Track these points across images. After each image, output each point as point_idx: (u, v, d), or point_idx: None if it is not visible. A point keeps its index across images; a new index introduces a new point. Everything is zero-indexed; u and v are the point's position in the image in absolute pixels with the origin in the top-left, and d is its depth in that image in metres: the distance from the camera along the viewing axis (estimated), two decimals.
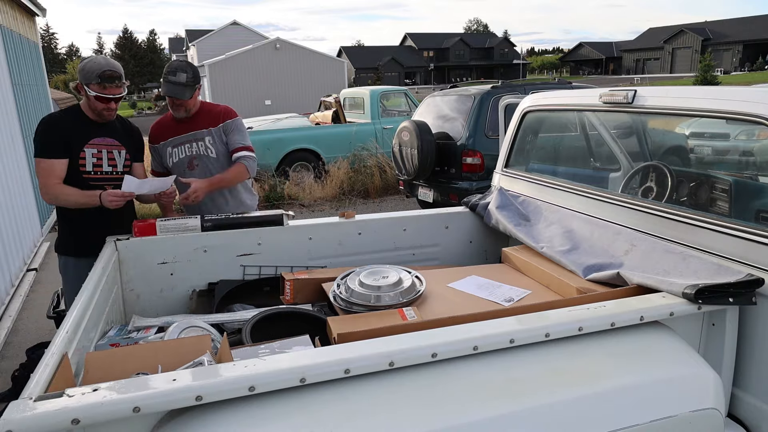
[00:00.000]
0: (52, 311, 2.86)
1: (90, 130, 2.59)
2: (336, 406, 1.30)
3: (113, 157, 2.66)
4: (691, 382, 1.53)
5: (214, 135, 2.90)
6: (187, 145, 2.90)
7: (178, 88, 2.76)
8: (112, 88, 2.49)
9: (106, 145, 2.63)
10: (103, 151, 2.62)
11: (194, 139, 2.89)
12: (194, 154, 2.90)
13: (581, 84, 5.90)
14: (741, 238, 1.72)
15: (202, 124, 2.90)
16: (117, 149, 2.67)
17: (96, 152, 2.59)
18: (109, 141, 2.64)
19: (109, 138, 2.64)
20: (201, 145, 2.89)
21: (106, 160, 2.63)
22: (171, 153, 2.92)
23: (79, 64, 2.54)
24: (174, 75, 2.75)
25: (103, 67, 2.46)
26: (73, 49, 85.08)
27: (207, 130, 2.89)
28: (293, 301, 2.37)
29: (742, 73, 48.44)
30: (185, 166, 2.90)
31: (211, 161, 2.90)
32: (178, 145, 2.90)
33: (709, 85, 15.24)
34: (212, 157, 2.90)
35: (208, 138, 2.89)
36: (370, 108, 9.76)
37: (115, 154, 2.66)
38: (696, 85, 2.78)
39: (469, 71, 72.57)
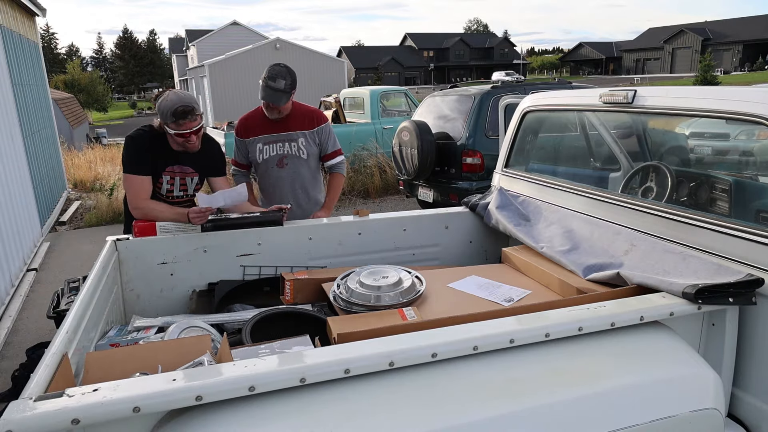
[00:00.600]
0: (52, 311, 2.86)
1: (170, 158, 2.71)
2: (336, 406, 1.30)
3: (185, 183, 2.80)
4: (691, 382, 1.53)
5: (308, 137, 3.03)
6: (279, 144, 3.00)
7: (276, 95, 2.84)
8: (187, 122, 2.54)
9: (180, 172, 2.76)
10: (176, 178, 2.76)
11: (288, 139, 3.00)
12: (286, 153, 3.01)
13: (581, 84, 5.90)
14: (741, 238, 1.72)
15: (296, 126, 3.01)
16: (190, 176, 2.79)
17: (170, 179, 2.74)
18: (184, 168, 2.76)
19: (185, 166, 2.76)
20: (294, 146, 3.01)
21: (178, 186, 2.78)
22: (261, 149, 3.01)
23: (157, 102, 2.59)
24: (274, 81, 2.82)
25: (176, 104, 2.50)
26: (73, 49, 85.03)
27: (301, 132, 3.01)
28: (293, 301, 2.37)
29: (742, 73, 48.44)
30: (275, 163, 3.02)
31: (302, 162, 3.04)
32: (271, 143, 3.01)
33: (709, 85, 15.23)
34: (303, 158, 3.04)
35: (302, 140, 3.02)
36: (370, 108, 9.76)
37: (188, 180, 2.80)
38: (696, 85, 2.78)
39: (469, 71, 72.56)
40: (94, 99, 39.68)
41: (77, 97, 29.41)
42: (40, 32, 9.21)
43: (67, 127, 16.49)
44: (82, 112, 24.60)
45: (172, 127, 2.54)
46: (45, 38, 72.46)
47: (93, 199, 8.51)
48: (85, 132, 21.95)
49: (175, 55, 49.51)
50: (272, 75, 2.82)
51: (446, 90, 6.79)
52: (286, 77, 2.84)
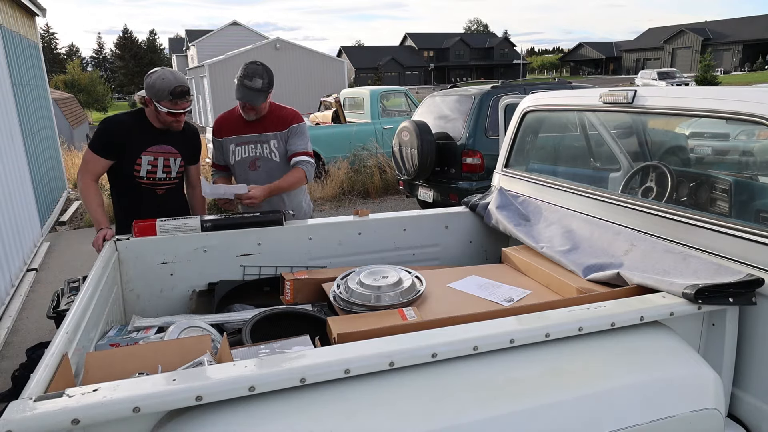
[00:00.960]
0: (52, 311, 2.86)
1: (150, 138, 2.69)
2: (336, 406, 1.30)
3: (168, 164, 2.76)
4: (691, 382, 1.53)
5: (279, 139, 2.90)
6: (251, 146, 2.91)
7: (252, 94, 2.74)
8: (183, 103, 2.59)
9: (164, 152, 2.72)
10: (159, 158, 2.72)
11: (259, 140, 2.90)
12: (257, 155, 2.91)
13: (581, 84, 5.90)
14: (741, 238, 1.71)
15: (270, 127, 2.90)
16: (173, 156, 2.76)
17: (152, 159, 2.70)
18: (166, 149, 2.73)
19: (167, 146, 2.73)
20: (266, 148, 2.90)
21: (161, 167, 2.74)
22: (234, 150, 2.93)
23: (147, 80, 2.60)
24: (250, 80, 2.71)
25: (173, 84, 2.54)
26: (73, 49, 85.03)
27: (273, 133, 2.89)
28: (293, 301, 2.37)
29: (742, 73, 48.43)
30: (247, 165, 2.93)
31: (274, 164, 2.91)
32: (243, 144, 2.91)
33: (709, 85, 15.25)
34: (275, 160, 2.90)
35: (274, 141, 2.89)
36: (370, 108, 9.76)
37: (171, 161, 2.76)
38: (696, 85, 2.78)
39: (469, 71, 72.56)
40: (94, 99, 39.68)
41: (77, 97, 29.42)
42: (40, 32, 9.21)
43: (67, 127, 16.49)
44: (82, 112, 24.61)
45: (166, 105, 2.55)
46: (45, 38, 72.46)
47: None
48: (85, 132, 21.96)
49: (175, 55, 49.54)
50: (248, 73, 2.72)
51: (446, 90, 6.79)
52: (264, 76, 2.73)
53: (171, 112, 2.57)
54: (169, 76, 2.58)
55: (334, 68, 26.17)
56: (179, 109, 2.59)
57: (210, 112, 24.94)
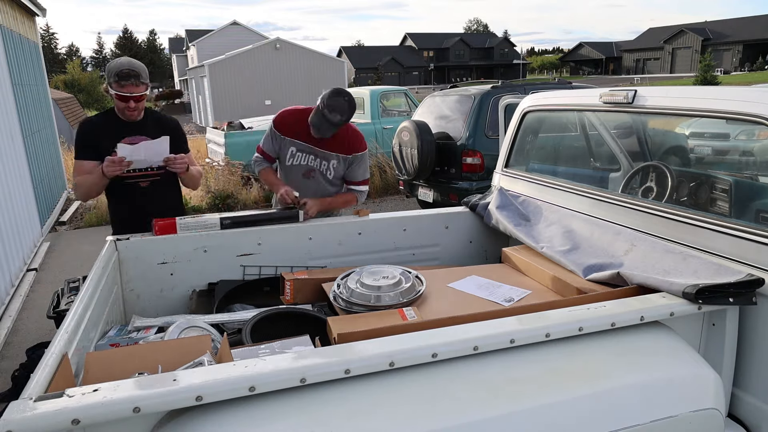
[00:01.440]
0: (52, 311, 2.86)
1: (121, 131, 2.67)
2: (336, 406, 1.30)
3: None
4: (691, 382, 1.53)
5: (341, 161, 2.94)
6: (312, 156, 2.92)
7: (328, 128, 2.73)
8: (129, 86, 2.57)
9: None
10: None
11: (323, 157, 2.92)
12: (315, 167, 2.93)
13: (581, 84, 5.90)
14: (741, 238, 1.71)
15: (336, 147, 2.91)
16: None
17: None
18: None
19: (140, 136, 2.69)
20: (324, 164, 2.93)
21: None
22: (294, 153, 2.93)
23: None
24: (330, 113, 2.68)
25: (122, 66, 2.55)
26: (73, 49, 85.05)
27: (337, 154, 2.92)
28: (293, 301, 2.37)
29: (742, 73, 48.44)
30: (301, 173, 2.94)
31: (327, 180, 2.96)
32: (304, 152, 2.92)
33: (709, 85, 15.25)
34: (329, 177, 2.96)
35: (334, 162, 2.93)
36: (370, 108, 9.76)
37: None
38: (696, 85, 2.78)
39: (469, 71, 72.56)
40: (94, 99, 39.62)
41: (77, 97, 29.39)
42: (40, 32, 9.21)
43: (67, 127, 16.48)
44: (82, 112, 24.59)
45: (114, 87, 2.56)
46: (45, 38, 72.45)
47: (93, 200, 8.52)
48: None
49: (175, 55, 49.55)
50: (332, 106, 2.67)
51: (446, 90, 6.79)
52: (344, 113, 2.70)
53: (118, 94, 2.56)
54: (122, 59, 2.61)
55: (334, 68, 26.16)
56: (126, 93, 2.55)
57: (210, 112, 24.93)
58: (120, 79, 2.54)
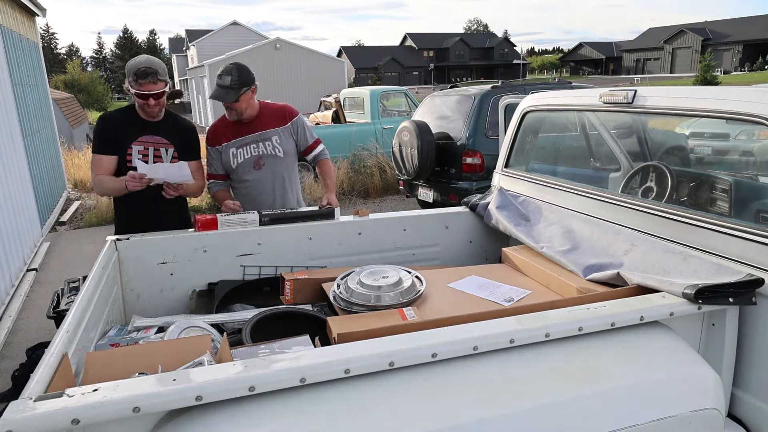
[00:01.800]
0: (52, 311, 2.86)
1: (140, 128, 2.71)
2: (336, 406, 1.30)
3: (159, 155, 2.75)
4: (691, 382, 1.53)
5: (281, 134, 2.94)
6: (253, 146, 2.92)
7: (221, 91, 2.78)
8: (148, 84, 2.57)
9: (153, 142, 2.73)
10: (149, 148, 2.72)
11: (261, 139, 2.92)
12: (261, 154, 2.92)
13: (581, 84, 5.90)
14: (741, 238, 1.71)
15: (268, 124, 2.93)
16: (165, 147, 2.76)
17: (142, 149, 2.71)
18: (157, 138, 2.74)
19: (157, 136, 2.74)
20: (269, 145, 2.92)
21: (152, 157, 2.73)
22: (235, 153, 2.93)
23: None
24: (220, 78, 2.79)
25: (140, 64, 2.57)
26: (73, 49, 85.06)
27: (273, 129, 2.93)
28: (293, 301, 2.37)
29: (742, 73, 48.43)
30: (251, 165, 2.94)
31: (278, 160, 2.95)
32: (244, 146, 2.92)
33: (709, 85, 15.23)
34: (279, 156, 2.94)
35: (275, 137, 2.93)
36: (370, 108, 9.76)
37: (162, 151, 2.75)
38: (696, 85, 2.78)
39: (469, 71, 72.56)
40: (94, 99, 39.64)
41: (77, 97, 29.39)
42: (40, 32, 9.21)
43: (67, 127, 16.48)
44: (82, 112, 24.60)
45: (133, 86, 2.58)
46: (45, 38, 72.45)
47: (93, 199, 8.52)
48: (85, 132, 21.95)
49: (175, 55, 49.50)
50: (220, 73, 2.79)
51: (446, 90, 6.79)
52: (232, 73, 2.76)
53: (138, 93, 2.58)
54: (141, 58, 2.62)
55: (334, 68, 26.17)
56: (144, 91, 2.57)
57: (210, 112, 24.94)
58: (138, 77, 2.55)
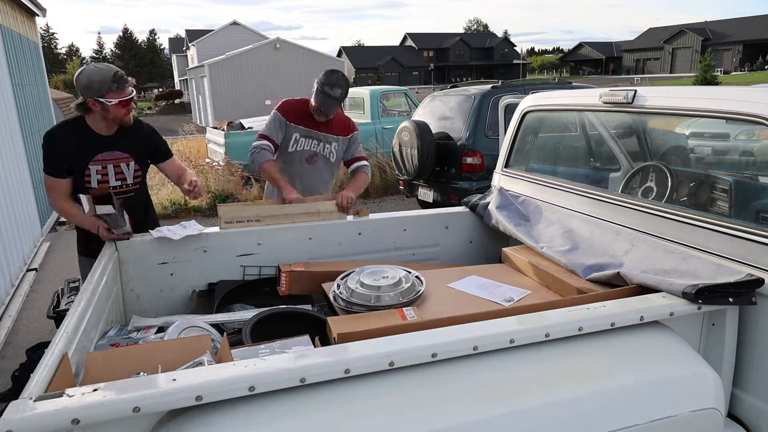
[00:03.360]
0: (52, 311, 2.86)
1: (95, 146, 2.48)
2: (336, 406, 1.30)
3: (121, 170, 2.55)
4: (691, 382, 1.53)
5: (341, 143, 3.15)
6: (315, 141, 3.09)
7: (331, 102, 2.93)
8: (128, 87, 2.42)
9: (113, 159, 2.51)
10: (108, 166, 2.51)
11: (325, 140, 3.11)
12: (318, 152, 3.11)
13: (581, 84, 5.90)
14: (741, 238, 1.71)
15: (335, 130, 3.12)
16: (125, 161, 2.55)
17: (100, 168, 2.49)
18: (116, 155, 2.52)
19: (116, 151, 2.52)
20: (327, 148, 3.11)
21: (113, 174, 2.53)
22: (297, 140, 3.08)
23: (79, 81, 2.38)
24: (332, 89, 2.90)
25: (111, 70, 2.38)
26: (73, 49, 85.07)
27: (336, 137, 3.13)
28: (288, 292, 2.39)
29: (742, 73, 48.44)
30: (306, 158, 3.10)
31: (329, 164, 3.16)
32: (308, 137, 3.08)
33: (709, 85, 15.25)
34: (331, 161, 3.16)
35: (335, 144, 3.13)
36: (370, 108, 9.76)
37: (123, 167, 2.55)
38: (696, 85, 2.78)
39: (469, 71, 72.55)
40: None
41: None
42: (40, 32, 9.21)
43: None
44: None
45: (114, 95, 2.35)
46: (45, 38, 72.47)
47: None
48: None
49: (175, 55, 49.50)
50: (331, 82, 2.89)
51: (446, 90, 6.79)
52: (343, 86, 2.92)
53: (121, 101, 2.38)
54: (102, 66, 2.40)
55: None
56: (127, 96, 2.40)
57: (210, 112, 24.92)
58: (120, 83, 2.37)
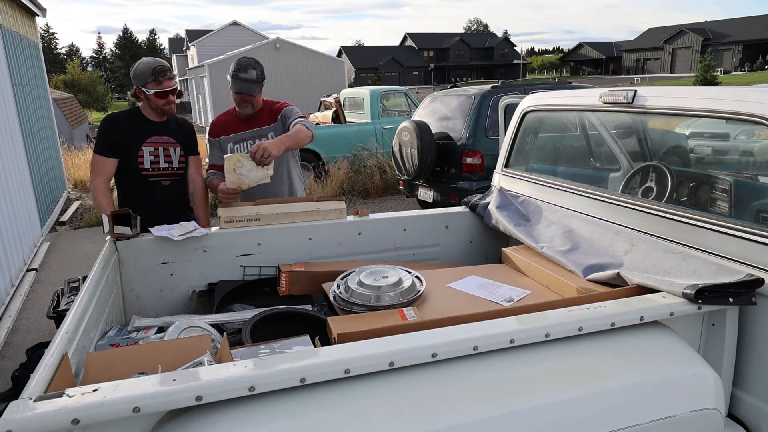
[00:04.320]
0: (52, 311, 2.86)
1: (148, 130, 2.79)
2: (336, 406, 1.30)
3: (169, 154, 2.85)
4: (691, 382, 1.53)
5: (276, 130, 2.99)
6: (250, 142, 3.01)
7: (248, 85, 2.86)
8: (167, 80, 2.70)
9: (163, 143, 2.82)
10: (159, 148, 2.81)
11: (258, 135, 3.00)
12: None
13: (581, 84, 5.90)
14: (741, 238, 1.71)
15: (266, 121, 3.02)
16: (173, 146, 2.85)
17: (153, 150, 2.80)
18: (165, 139, 2.83)
19: (165, 136, 2.83)
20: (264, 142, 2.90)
21: (162, 156, 2.83)
22: (233, 149, 3.02)
23: (131, 72, 2.74)
24: (245, 72, 2.85)
25: (155, 63, 2.69)
26: (73, 49, 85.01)
27: (270, 125, 3.01)
28: (288, 292, 2.38)
29: (742, 73, 48.45)
30: None
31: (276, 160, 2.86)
32: (241, 141, 3.01)
33: (709, 85, 15.23)
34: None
35: (271, 134, 2.99)
36: (370, 108, 9.76)
37: (171, 151, 2.85)
38: (696, 85, 2.78)
39: (469, 71, 72.55)
40: (94, 99, 39.64)
41: (77, 97, 29.39)
42: (40, 32, 9.20)
43: (67, 127, 16.48)
44: (82, 112, 24.59)
45: (152, 86, 2.66)
46: (45, 38, 72.46)
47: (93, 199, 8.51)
48: (85, 132, 21.95)
49: (175, 55, 49.50)
50: (242, 66, 2.84)
51: (446, 90, 6.79)
52: (257, 67, 2.86)
53: (159, 92, 2.66)
54: (148, 59, 2.72)
55: (334, 68, 26.16)
56: (165, 88, 2.68)
57: (210, 112, 24.93)
58: (158, 75, 2.65)
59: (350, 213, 2.84)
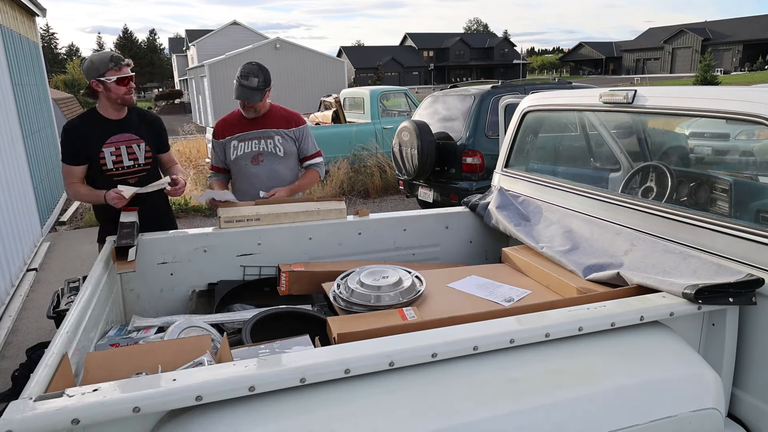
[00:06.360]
0: (52, 311, 2.86)
1: (107, 131, 2.71)
2: (336, 406, 1.30)
3: (133, 151, 2.76)
4: (691, 382, 1.53)
5: (284, 136, 3.04)
6: (254, 141, 3.01)
7: (248, 92, 2.88)
8: (125, 66, 2.65)
9: (124, 141, 2.74)
10: (121, 147, 2.73)
11: (264, 136, 3.02)
12: (261, 150, 3.01)
13: (581, 84, 5.90)
14: (741, 238, 1.71)
15: (273, 124, 3.03)
16: (136, 143, 2.77)
17: (114, 150, 2.72)
18: (126, 136, 2.74)
19: (126, 134, 2.74)
20: (269, 143, 3.01)
21: (126, 155, 2.74)
22: (236, 146, 3.02)
23: (83, 67, 2.67)
24: (246, 79, 2.87)
25: (109, 53, 2.67)
26: (73, 49, 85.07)
27: (277, 130, 3.03)
28: (288, 292, 2.38)
29: (742, 73, 48.45)
30: (249, 160, 3.02)
31: (279, 160, 3.03)
32: (245, 140, 3.02)
33: (709, 85, 15.23)
34: (280, 155, 3.03)
35: (278, 137, 3.02)
36: (370, 108, 9.76)
37: (135, 148, 2.77)
38: (696, 85, 2.78)
39: (469, 71, 72.56)
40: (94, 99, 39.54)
41: (77, 97, 29.36)
42: (40, 32, 9.21)
43: None
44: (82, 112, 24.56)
45: (112, 73, 2.60)
46: (45, 38, 72.46)
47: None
48: None
49: (175, 55, 49.49)
50: (245, 73, 2.86)
51: (446, 90, 6.79)
52: (259, 75, 2.87)
53: (120, 78, 2.62)
54: (98, 52, 2.72)
55: (334, 68, 26.16)
56: (125, 74, 2.63)
57: (210, 112, 24.93)
58: (118, 61, 2.61)
59: (350, 213, 2.84)
